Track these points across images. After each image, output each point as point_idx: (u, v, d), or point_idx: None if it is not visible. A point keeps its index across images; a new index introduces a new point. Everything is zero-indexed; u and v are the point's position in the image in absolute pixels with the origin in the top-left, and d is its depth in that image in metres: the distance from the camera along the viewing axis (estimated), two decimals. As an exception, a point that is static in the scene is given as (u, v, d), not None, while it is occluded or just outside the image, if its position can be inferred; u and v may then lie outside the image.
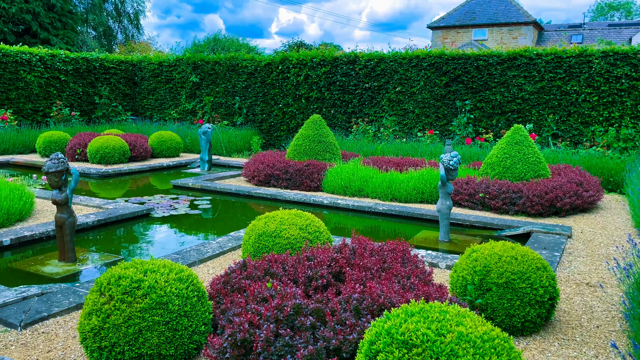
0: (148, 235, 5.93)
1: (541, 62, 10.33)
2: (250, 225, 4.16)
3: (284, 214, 4.13)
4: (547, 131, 10.36)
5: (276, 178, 8.41)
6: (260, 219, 4.16)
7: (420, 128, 11.75)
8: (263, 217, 4.18)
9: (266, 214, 4.21)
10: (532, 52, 10.48)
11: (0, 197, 5.63)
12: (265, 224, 4.04)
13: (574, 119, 10.19)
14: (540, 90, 10.42)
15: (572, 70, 10.08)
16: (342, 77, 12.65)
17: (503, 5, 34.84)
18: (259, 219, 4.16)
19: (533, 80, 10.47)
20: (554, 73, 10.24)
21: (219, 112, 14.82)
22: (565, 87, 10.17)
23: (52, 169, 4.39)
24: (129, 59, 16.55)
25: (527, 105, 10.58)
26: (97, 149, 10.50)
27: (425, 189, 7.28)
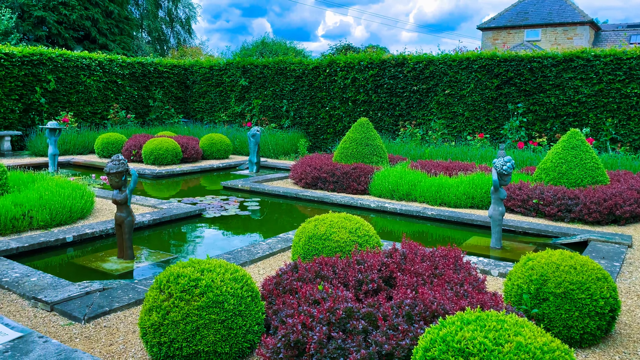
0: (200, 234, 6.09)
1: (599, 63, 9.92)
2: (300, 228, 4.20)
3: (333, 217, 4.16)
4: (605, 135, 9.94)
5: (323, 181, 8.46)
6: (310, 221, 4.21)
7: (470, 131, 11.53)
8: (313, 219, 4.22)
9: (316, 216, 4.25)
10: (589, 54, 10.09)
11: (63, 196, 5.93)
12: (315, 226, 4.08)
13: (635, 123, 9.73)
14: (598, 92, 10.02)
15: (632, 72, 9.63)
16: (390, 79, 12.58)
17: (557, 4, 33.69)
18: (309, 222, 4.21)
19: (590, 83, 10.08)
20: (613, 75, 9.82)
21: (266, 115, 15.05)
22: (625, 89, 9.73)
23: (113, 170, 4.59)
24: (181, 63, 17.06)
25: (583, 109, 10.19)
26: (151, 150, 10.88)
27: (475, 194, 7.13)
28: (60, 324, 3.25)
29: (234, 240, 5.86)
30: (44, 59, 13.21)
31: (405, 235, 6.12)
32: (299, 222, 6.72)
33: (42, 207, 5.62)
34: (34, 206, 5.58)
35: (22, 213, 5.45)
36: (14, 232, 5.38)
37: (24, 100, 12.89)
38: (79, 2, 21.22)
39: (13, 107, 12.65)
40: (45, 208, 5.63)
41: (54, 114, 13.46)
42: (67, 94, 13.80)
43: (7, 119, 12.62)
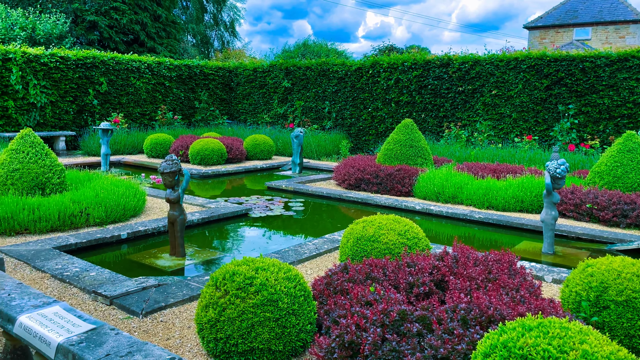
0: (246, 233, 6.19)
1: (657, 62, 9.51)
2: (348, 229, 4.22)
3: (382, 219, 4.15)
4: (663, 138, 9.49)
5: (366, 182, 8.45)
6: (358, 223, 4.21)
7: (517, 133, 11.25)
8: (361, 221, 4.22)
9: (363, 218, 4.25)
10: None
11: (117, 194, 6.16)
12: (364, 228, 4.08)
13: (696, 125, 9.27)
14: (656, 93, 9.60)
15: (694, 71, 9.18)
16: (434, 80, 12.42)
17: (608, 2, 32.43)
18: (357, 223, 4.21)
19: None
20: (673, 74, 9.39)
21: (308, 116, 15.14)
22: (685, 89, 9.29)
23: (166, 170, 4.73)
24: (226, 66, 17.39)
25: (639, 110, 9.77)
26: (197, 151, 11.14)
27: (525, 197, 6.96)
28: (119, 317, 3.38)
29: (280, 240, 5.93)
30: (96, 62, 13.74)
31: (451, 238, 6.04)
32: (344, 223, 6.77)
33: (98, 205, 5.85)
34: (90, 204, 5.81)
35: (79, 210, 5.69)
36: (72, 228, 5.62)
37: (78, 102, 13.44)
38: (129, 6, 21.95)
39: (68, 108, 13.21)
40: (101, 206, 5.86)
41: (106, 115, 13.97)
42: (118, 96, 14.30)
43: (62, 120, 13.19)
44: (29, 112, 12.53)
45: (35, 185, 5.97)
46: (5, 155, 6.03)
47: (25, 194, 5.87)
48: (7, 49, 12.07)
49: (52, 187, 6.09)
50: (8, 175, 5.89)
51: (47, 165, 6.12)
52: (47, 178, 6.07)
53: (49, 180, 6.08)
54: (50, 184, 6.08)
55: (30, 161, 6.00)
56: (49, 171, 6.10)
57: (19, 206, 5.37)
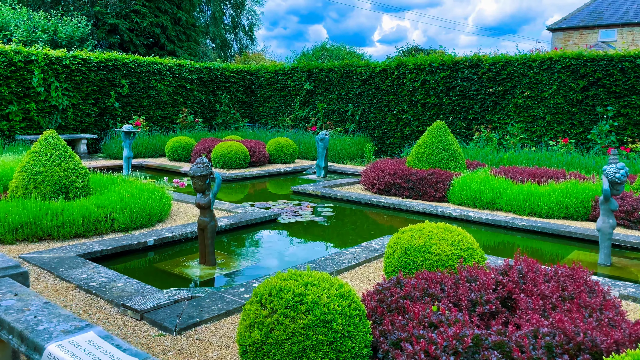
0: (277, 240, 5.89)
1: None
2: (394, 238, 3.88)
3: (431, 227, 3.81)
4: None
5: (397, 186, 8.10)
6: (405, 231, 3.88)
7: (552, 136, 10.80)
8: (407, 230, 3.89)
9: (410, 226, 3.92)
10: (691, 51, 9.19)
11: (143, 199, 5.91)
12: (412, 237, 3.75)
13: None
14: (702, 94, 9.10)
15: None
16: (463, 81, 12.03)
17: (635, 3, 31.63)
18: (404, 232, 3.88)
19: (693, 83, 9.17)
20: None
21: (331, 119, 14.84)
22: None
23: (197, 173, 4.46)
24: (247, 68, 17.19)
25: (684, 112, 9.29)
26: (220, 154, 10.90)
27: (570, 203, 6.55)
28: (151, 334, 3.09)
29: (313, 248, 5.62)
30: (118, 64, 13.62)
31: (492, 247, 5.67)
32: (377, 230, 6.44)
33: (123, 210, 5.61)
34: (115, 208, 5.57)
35: (104, 215, 5.45)
36: (96, 234, 5.38)
37: (100, 105, 13.32)
38: (150, 9, 21.92)
39: (89, 111, 13.10)
40: (126, 211, 5.61)
41: (127, 117, 13.84)
42: (139, 99, 14.16)
43: (84, 123, 13.07)
44: (51, 114, 12.43)
45: (59, 189, 5.75)
46: (28, 157, 5.82)
47: (48, 198, 5.65)
48: (29, 51, 11.99)
49: (75, 191, 5.87)
50: (30, 178, 5.68)
51: (71, 169, 5.90)
52: (71, 182, 5.84)
53: (73, 184, 5.85)
54: (73, 188, 5.85)
55: (53, 164, 5.79)
56: (72, 174, 5.88)
57: (42, 211, 5.15)
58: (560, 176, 7.53)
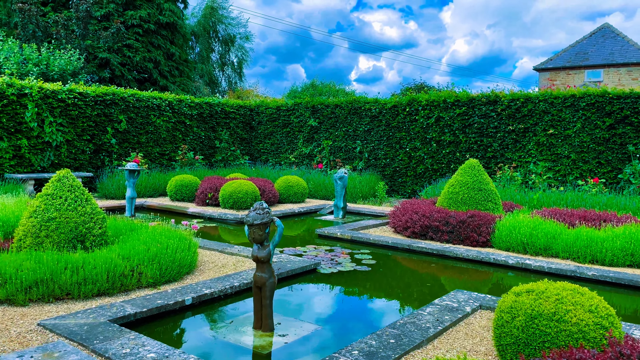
0: (327, 295, 5.16)
1: None
2: (509, 302, 3.23)
3: (556, 288, 3.17)
4: None
5: (435, 230, 7.48)
6: (521, 293, 3.24)
7: (577, 175, 10.41)
8: (523, 291, 3.25)
9: (526, 286, 3.28)
10: None
11: (171, 248, 5.16)
12: (536, 301, 3.10)
13: None
14: None
15: None
16: (480, 118, 11.67)
17: (619, 45, 32.49)
18: (519, 294, 3.24)
19: None
20: None
21: (337, 156, 14.31)
22: None
23: (257, 221, 3.77)
24: (247, 104, 16.68)
25: None
26: (230, 193, 10.18)
27: (636, 250, 6.01)
28: None
29: (374, 305, 4.91)
30: (116, 99, 12.94)
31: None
32: (432, 281, 5.73)
33: (151, 262, 4.84)
34: (142, 260, 4.80)
35: (130, 268, 4.68)
36: (121, 291, 4.60)
37: (95, 141, 12.55)
38: (142, 44, 21.42)
39: (84, 147, 12.30)
40: (154, 262, 4.85)
41: (124, 155, 13.07)
42: (137, 135, 13.44)
43: (78, 160, 12.26)
44: (44, 151, 11.60)
45: (74, 238, 4.97)
46: (39, 201, 5.05)
47: (62, 248, 4.86)
48: (23, 84, 11.25)
49: (92, 239, 5.09)
50: (42, 225, 4.89)
51: (88, 213, 5.14)
52: (88, 229, 5.07)
53: (90, 231, 5.08)
54: (90, 236, 5.08)
55: (69, 208, 5.02)
56: (89, 220, 5.12)
57: (60, 265, 4.36)
58: (613, 219, 7.02)
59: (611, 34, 33.61)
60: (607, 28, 34.30)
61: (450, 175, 12.14)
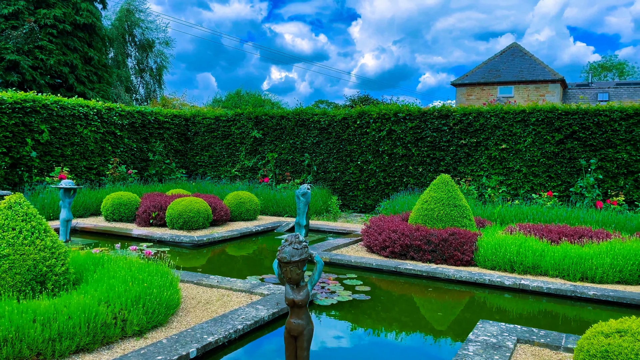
0: (340, 333, 4.59)
1: (676, 117, 9.42)
2: (600, 344, 2.90)
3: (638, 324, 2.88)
4: (688, 193, 9.30)
5: (416, 249, 7.17)
6: (611, 334, 2.93)
7: (528, 189, 10.67)
8: (612, 330, 2.94)
9: (612, 324, 2.98)
10: (661, 107, 9.59)
11: (154, 285, 4.34)
12: (635, 343, 2.79)
13: None
14: (676, 148, 9.47)
15: None
16: (433, 132, 11.67)
17: (527, 63, 34.94)
18: (612, 335, 2.91)
19: (666, 138, 9.54)
20: (693, 130, 9.32)
21: (283, 170, 13.72)
22: None
23: (295, 258, 3.17)
24: (182, 113, 15.61)
25: (661, 165, 9.58)
26: (179, 212, 9.24)
27: (624, 266, 6.05)
28: None
29: (403, 344, 4.42)
30: (37, 106, 11.44)
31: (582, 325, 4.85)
32: (440, 308, 5.26)
33: (134, 304, 4.01)
34: (124, 304, 3.96)
35: (113, 315, 3.83)
36: (103, 345, 3.74)
37: (12, 154, 10.97)
38: (57, 46, 19.47)
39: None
40: (138, 305, 4.02)
41: (47, 169, 11.56)
42: (61, 147, 11.97)
43: (-9, 175, 10.63)
44: (-51, 165, 9.92)
45: (33, 279, 4.02)
46: (-16, 234, 4.03)
47: (18, 292, 3.89)
48: None
49: (55, 279, 4.15)
50: (-9, 264, 3.89)
51: (49, 248, 4.19)
52: (50, 266, 4.13)
53: (52, 270, 4.14)
54: (52, 275, 4.14)
55: (24, 243, 4.05)
56: (51, 256, 4.17)
57: (27, 317, 3.44)
58: (589, 234, 7.11)
59: (519, 53, 36.08)
60: (515, 47, 36.79)
61: (404, 189, 12.02)
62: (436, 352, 4.28)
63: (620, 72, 65.82)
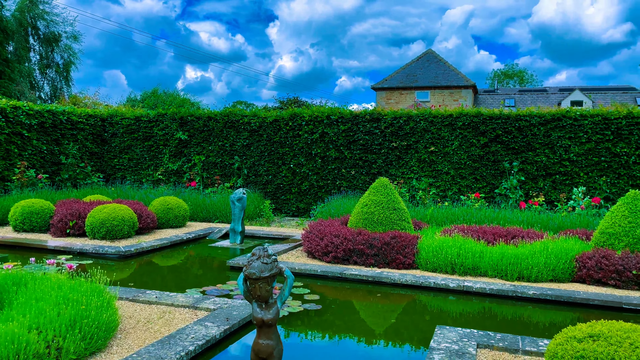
0: (295, 350, 4.35)
1: (588, 123, 10.14)
2: (574, 350, 2.92)
3: (618, 330, 2.95)
4: (599, 194, 10.05)
5: (359, 254, 7.10)
6: (584, 339, 2.97)
7: (456, 190, 11.03)
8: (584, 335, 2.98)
9: (582, 328, 3.02)
10: (574, 113, 10.30)
11: (91, 306, 3.87)
12: (609, 347, 2.83)
13: (624, 182, 9.99)
14: (588, 151, 10.19)
15: (620, 132, 9.97)
16: (365, 135, 11.74)
17: (441, 70, 36.58)
18: (581, 340, 2.95)
19: (579, 142, 10.24)
20: (602, 135, 10.08)
21: (211, 173, 13.19)
22: (614, 149, 10.01)
23: (265, 273, 2.92)
24: (98, 113, 14.54)
25: (575, 167, 10.27)
26: (101, 221, 8.52)
27: (556, 265, 6.35)
28: None
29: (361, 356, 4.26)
30: None
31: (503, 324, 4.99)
32: (391, 313, 5.20)
33: (69, 329, 3.54)
34: (58, 329, 3.48)
35: (46, 344, 3.34)
36: (34, 381, 3.24)
37: None
38: (-51, 36, 17.42)
39: None
40: (74, 330, 3.55)
41: (-60, 173, 10.23)
42: (-42, 148, 10.66)
43: None
44: None
45: (-57, 306, 3.41)
46: None
47: None
48: None
49: (-31, 305, 3.56)
50: None
51: (-39, 268, 3.58)
52: (-37, 290, 3.53)
53: (-35, 294, 3.55)
54: (-34, 301, 3.55)
55: None
56: (-36, 278, 3.58)
57: (-61, 356, 2.88)
58: (521, 235, 7.42)
59: (435, 60, 37.71)
60: (431, 54, 38.40)
61: (337, 192, 11.98)
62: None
63: (521, 80, 71.09)
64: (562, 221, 8.79)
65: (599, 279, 6.19)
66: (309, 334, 4.63)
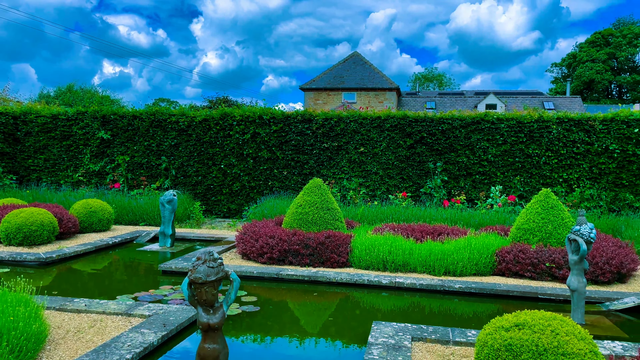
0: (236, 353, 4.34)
1: (504, 126, 10.86)
2: (502, 338, 3.16)
3: (540, 318, 3.23)
4: (514, 192, 10.79)
5: (294, 254, 7.18)
6: (510, 328, 3.21)
7: (384, 190, 11.41)
8: (509, 324, 3.23)
9: (508, 317, 3.28)
10: (492, 117, 10.98)
11: (18, 317, 3.65)
12: (533, 334, 3.09)
13: (536, 180, 10.81)
14: (504, 153, 10.91)
15: (532, 134, 10.76)
16: (297, 136, 11.83)
17: (367, 72, 37.51)
18: (508, 329, 3.20)
19: (496, 144, 10.94)
20: (517, 137, 10.83)
21: (137, 174, 12.72)
22: (527, 150, 10.80)
23: (211, 277, 2.92)
24: (9, 111, 13.55)
25: (493, 168, 10.96)
26: (18, 226, 7.98)
27: (479, 260, 6.78)
28: None
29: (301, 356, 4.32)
30: None
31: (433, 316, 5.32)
32: (328, 310, 5.37)
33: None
34: (-18, 345, 3.26)
35: (-31, 362, 3.11)
36: (-43, 401, 3.01)
37: None
38: None
39: None
40: (1, 342, 3.34)
41: None
42: None
43: None
44: None
45: None
46: None
47: None
48: None
49: None
50: None
51: None
52: None
53: None
54: None
55: None
56: None
57: None
58: (446, 232, 7.82)
59: (360, 62, 38.60)
60: (357, 56, 39.25)
61: (269, 193, 11.98)
62: (343, 355, 4.29)
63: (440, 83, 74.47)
64: (482, 218, 9.36)
65: (517, 271, 6.68)
66: (249, 336, 4.63)
